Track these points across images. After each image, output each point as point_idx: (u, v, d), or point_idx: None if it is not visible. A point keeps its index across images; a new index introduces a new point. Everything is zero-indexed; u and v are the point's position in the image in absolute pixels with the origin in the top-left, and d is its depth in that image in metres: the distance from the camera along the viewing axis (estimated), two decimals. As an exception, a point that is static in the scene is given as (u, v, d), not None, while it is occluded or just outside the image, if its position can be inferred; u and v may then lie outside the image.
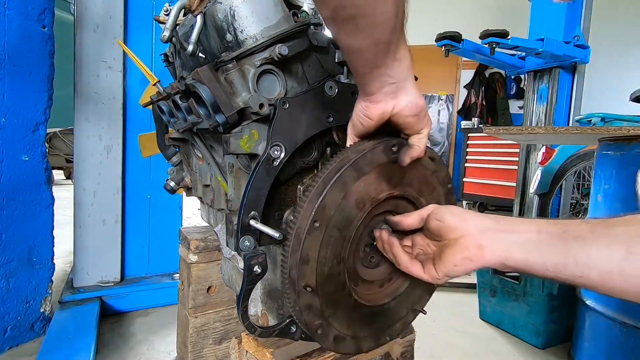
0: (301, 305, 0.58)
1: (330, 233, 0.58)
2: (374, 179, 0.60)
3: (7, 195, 1.43)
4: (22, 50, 1.43)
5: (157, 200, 1.93)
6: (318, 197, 0.56)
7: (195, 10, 0.68)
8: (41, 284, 1.57)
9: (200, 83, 0.63)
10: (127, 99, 1.82)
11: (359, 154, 0.58)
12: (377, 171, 0.60)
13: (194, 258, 1.10)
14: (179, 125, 0.84)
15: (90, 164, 1.74)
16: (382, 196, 0.62)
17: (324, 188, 0.56)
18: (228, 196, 0.72)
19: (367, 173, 0.59)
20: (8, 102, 1.41)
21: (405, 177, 0.64)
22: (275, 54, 0.64)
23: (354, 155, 0.58)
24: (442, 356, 1.52)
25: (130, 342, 1.56)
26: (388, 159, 0.61)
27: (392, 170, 0.62)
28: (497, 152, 4.19)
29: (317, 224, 0.56)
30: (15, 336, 1.48)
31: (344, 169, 0.56)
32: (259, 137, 0.66)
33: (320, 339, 0.62)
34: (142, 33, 1.83)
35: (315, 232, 0.56)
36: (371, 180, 0.60)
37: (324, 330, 0.62)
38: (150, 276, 1.94)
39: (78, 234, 1.74)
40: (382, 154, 0.60)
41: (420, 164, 0.65)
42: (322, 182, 0.57)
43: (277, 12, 0.68)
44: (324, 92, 0.66)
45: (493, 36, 2.13)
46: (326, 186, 0.56)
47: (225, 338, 1.17)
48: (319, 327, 0.61)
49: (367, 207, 0.61)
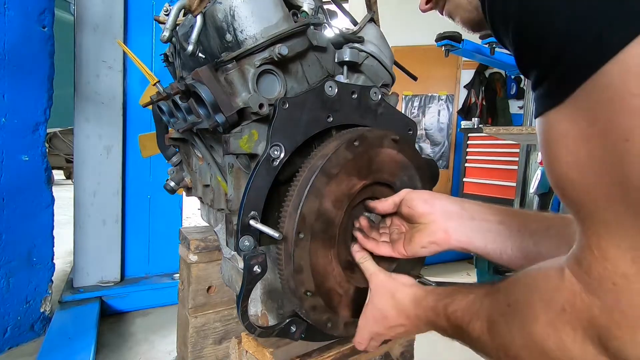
0: (306, 308, 0.62)
1: (316, 239, 0.61)
2: (344, 177, 0.63)
3: (7, 195, 1.43)
4: (22, 50, 1.43)
5: (157, 200, 1.93)
6: (296, 210, 0.59)
7: (195, 11, 0.68)
8: (41, 284, 1.57)
9: (200, 83, 0.63)
10: (127, 99, 1.82)
11: (324, 159, 0.61)
12: (346, 169, 0.63)
13: (194, 258, 1.10)
14: (179, 125, 0.84)
15: (90, 164, 1.74)
16: (355, 189, 0.66)
17: (300, 200, 0.59)
18: (228, 196, 0.72)
19: (337, 174, 0.62)
20: (8, 102, 1.41)
21: (373, 165, 0.68)
22: (275, 54, 0.64)
23: (320, 161, 0.61)
24: (442, 356, 1.52)
25: (130, 342, 1.56)
26: (353, 155, 0.64)
27: (359, 163, 0.65)
28: (497, 152, 4.19)
29: (302, 235, 0.59)
30: (15, 336, 1.48)
31: (314, 177, 0.60)
32: (259, 137, 0.65)
33: (332, 330, 0.66)
34: (142, 33, 1.84)
35: (302, 243, 0.60)
36: (342, 179, 0.63)
37: (333, 323, 0.66)
38: (150, 276, 1.94)
39: (78, 234, 1.74)
40: (346, 151, 0.63)
41: (384, 149, 0.69)
42: (296, 194, 0.60)
43: (277, 12, 0.68)
44: (323, 92, 0.66)
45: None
46: (301, 198, 0.59)
47: (225, 338, 1.17)
48: (328, 321, 0.65)
49: (344, 203, 0.65)
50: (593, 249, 0.30)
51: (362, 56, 0.79)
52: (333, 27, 0.81)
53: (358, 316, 0.67)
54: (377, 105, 0.73)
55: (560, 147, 0.31)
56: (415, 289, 0.58)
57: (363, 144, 0.65)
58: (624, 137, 0.26)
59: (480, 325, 0.43)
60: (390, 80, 0.85)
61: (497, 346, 0.41)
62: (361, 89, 0.71)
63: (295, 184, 0.62)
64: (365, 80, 0.81)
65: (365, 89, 0.71)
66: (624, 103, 0.25)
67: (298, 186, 0.61)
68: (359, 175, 0.66)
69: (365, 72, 0.81)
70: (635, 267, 0.27)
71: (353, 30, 0.84)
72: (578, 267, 0.32)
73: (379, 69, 0.82)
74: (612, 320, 0.29)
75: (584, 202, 0.31)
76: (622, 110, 0.26)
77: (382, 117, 0.75)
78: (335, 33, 0.80)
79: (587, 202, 0.30)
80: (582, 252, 0.31)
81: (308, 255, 0.61)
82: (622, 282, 0.28)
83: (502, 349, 0.40)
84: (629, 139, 0.25)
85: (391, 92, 0.87)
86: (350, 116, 0.70)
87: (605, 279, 0.29)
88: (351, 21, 0.87)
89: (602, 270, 0.29)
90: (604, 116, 0.27)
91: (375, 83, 0.82)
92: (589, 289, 0.31)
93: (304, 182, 0.61)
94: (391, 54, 0.86)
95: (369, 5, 0.90)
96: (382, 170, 0.70)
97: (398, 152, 0.71)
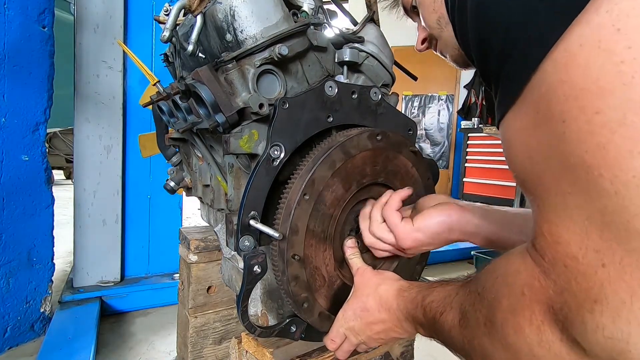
0: (289, 275, 0.61)
1: (318, 207, 0.62)
2: (359, 162, 0.65)
3: (7, 195, 1.43)
4: (22, 50, 1.43)
5: (157, 200, 1.93)
6: (308, 172, 0.60)
7: (195, 10, 0.68)
8: (41, 284, 1.56)
9: (200, 83, 0.63)
10: (127, 99, 1.82)
11: (347, 137, 0.63)
12: (362, 156, 0.65)
13: (194, 258, 1.10)
14: (179, 125, 0.84)
15: (90, 164, 1.74)
16: (366, 180, 0.67)
17: (314, 165, 0.60)
18: (228, 196, 0.72)
19: (354, 156, 0.64)
20: (8, 102, 1.41)
21: (388, 167, 0.69)
22: (275, 54, 0.64)
23: (341, 138, 0.63)
24: (442, 356, 1.51)
25: (130, 342, 1.56)
26: (372, 146, 0.66)
27: (376, 158, 0.67)
28: (497, 152, 4.19)
29: (307, 196, 0.60)
30: (15, 336, 1.48)
31: (332, 149, 0.61)
32: (259, 137, 0.66)
33: (306, 313, 0.65)
34: (142, 33, 1.83)
35: (304, 204, 0.60)
36: (357, 164, 0.65)
37: (309, 305, 0.65)
38: (150, 276, 1.93)
39: (78, 234, 1.74)
40: (367, 140, 0.65)
41: (402, 157, 0.70)
42: (312, 160, 0.62)
43: (277, 12, 0.68)
44: (323, 92, 0.66)
45: (493, 36, 2.13)
46: (315, 163, 0.60)
47: (225, 338, 1.17)
48: (305, 301, 0.65)
49: (352, 188, 0.65)
50: (545, 234, 0.31)
51: (362, 56, 0.79)
52: (333, 27, 0.81)
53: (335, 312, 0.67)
54: (377, 105, 0.73)
55: (516, 142, 0.34)
56: (401, 282, 0.58)
57: (384, 140, 0.67)
58: (561, 119, 0.29)
59: (452, 316, 0.43)
60: (390, 80, 0.85)
61: (464, 338, 0.41)
62: (361, 89, 0.71)
63: (314, 151, 0.63)
64: (365, 80, 0.81)
65: (366, 89, 0.71)
66: (558, 91, 0.29)
67: (315, 154, 0.62)
68: (373, 169, 0.67)
69: (366, 72, 0.81)
70: (584, 249, 0.28)
71: (353, 30, 0.84)
72: (535, 252, 0.33)
73: (379, 69, 0.82)
74: (565, 302, 0.30)
75: (536, 189, 0.33)
76: (556, 97, 0.29)
77: (382, 117, 0.75)
78: (335, 33, 0.80)
79: (539, 188, 0.32)
80: (538, 237, 0.33)
81: (307, 218, 0.61)
82: (572, 264, 0.29)
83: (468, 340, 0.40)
84: (565, 119, 0.28)
85: (391, 92, 0.87)
86: (350, 116, 0.70)
87: (558, 261, 0.30)
88: (351, 21, 0.87)
89: (555, 253, 0.31)
90: (544, 105, 0.30)
91: (375, 83, 0.82)
92: (545, 271, 0.32)
93: (322, 151, 0.62)
94: (391, 54, 0.86)
95: (369, 5, 0.90)
96: (395, 175, 0.71)
97: (412, 165, 0.72)
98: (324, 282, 0.66)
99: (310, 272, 0.64)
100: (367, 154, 0.65)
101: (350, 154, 0.63)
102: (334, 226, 0.65)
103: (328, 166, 0.61)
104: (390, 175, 0.70)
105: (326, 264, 0.66)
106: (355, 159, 0.64)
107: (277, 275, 0.64)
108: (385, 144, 0.67)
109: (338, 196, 0.64)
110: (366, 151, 0.65)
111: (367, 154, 0.65)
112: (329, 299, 0.68)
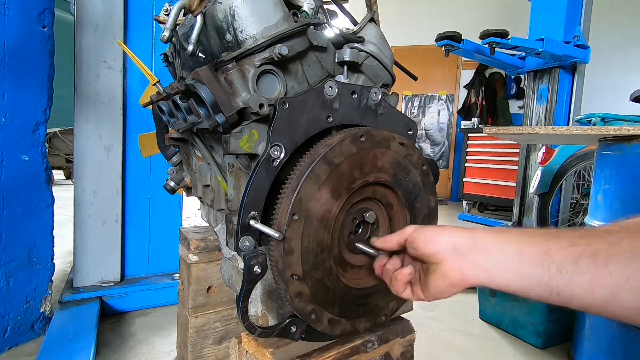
0: (291, 293, 0.62)
1: (310, 224, 0.61)
2: (345, 169, 0.64)
3: (7, 195, 1.43)
4: (22, 50, 1.43)
5: (157, 200, 1.93)
6: (293, 191, 0.59)
7: (195, 10, 0.68)
8: (41, 284, 1.57)
9: (200, 83, 0.63)
10: (127, 99, 1.82)
11: (328, 148, 0.62)
12: (348, 162, 0.64)
13: (194, 258, 1.10)
14: (178, 125, 0.84)
15: (90, 164, 1.74)
16: (356, 185, 0.66)
17: (298, 183, 0.59)
18: (228, 196, 0.72)
19: (338, 165, 0.63)
20: (8, 102, 1.41)
21: (377, 164, 0.68)
22: (275, 54, 0.64)
23: (323, 149, 0.62)
24: (442, 356, 1.52)
25: (130, 342, 1.56)
26: (357, 149, 0.64)
27: (363, 160, 0.66)
28: (497, 152, 4.20)
29: (296, 216, 0.59)
30: (15, 336, 1.48)
31: (315, 163, 0.60)
32: (259, 137, 0.66)
33: (315, 323, 0.66)
34: (142, 33, 1.83)
35: (295, 225, 0.60)
36: (343, 171, 0.63)
37: (317, 315, 0.65)
38: (150, 276, 1.93)
39: (78, 234, 1.74)
40: (350, 145, 0.64)
41: (391, 151, 0.69)
42: (296, 177, 0.61)
43: (277, 12, 0.68)
44: (323, 92, 0.66)
45: (493, 36, 2.13)
46: (300, 181, 0.59)
47: (225, 338, 1.17)
48: (312, 313, 0.65)
49: (343, 196, 0.65)
50: None
51: (362, 56, 0.79)
52: (333, 27, 0.81)
53: (344, 315, 0.67)
54: (377, 105, 0.73)
55: None
56: None
57: (369, 140, 0.66)
58: None
59: None
60: (390, 80, 0.85)
61: None
62: (361, 89, 0.71)
63: (298, 167, 0.62)
64: (365, 80, 0.81)
65: (366, 89, 0.71)
66: None
67: (299, 170, 0.61)
68: (362, 171, 0.66)
69: (366, 72, 0.81)
70: None
71: (353, 30, 0.84)
72: None
73: (379, 69, 0.82)
74: None
75: None
76: None
77: (382, 117, 0.75)
78: (335, 33, 0.80)
79: None
80: None
81: (300, 238, 0.60)
82: None
83: None
84: None
85: (391, 92, 0.87)
86: (351, 116, 0.70)
87: None
88: (351, 21, 0.88)
89: None
90: None
91: (376, 83, 0.82)
92: None
93: (304, 167, 0.61)
94: (391, 54, 0.86)
95: (369, 5, 0.90)
96: (386, 171, 0.69)
97: (405, 156, 0.71)
98: (328, 291, 0.66)
99: (312, 286, 0.63)
100: (353, 159, 0.64)
101: (334, 164, 0.62)
102: (329, 235, 0.65)
103: (313, 181, 0.60)
104: (383, 172, 0.69)
105: (327, 273, 0.65)
106: (340, 167, 0.63)
107: (281, 292, 0.64)
108: (371, 144, 0.66)
109: (329, 208, 0.63)
110: (351, 156, 0.64)
111: (353, 158, 0.64)
112: (336, 305, 0.67)
